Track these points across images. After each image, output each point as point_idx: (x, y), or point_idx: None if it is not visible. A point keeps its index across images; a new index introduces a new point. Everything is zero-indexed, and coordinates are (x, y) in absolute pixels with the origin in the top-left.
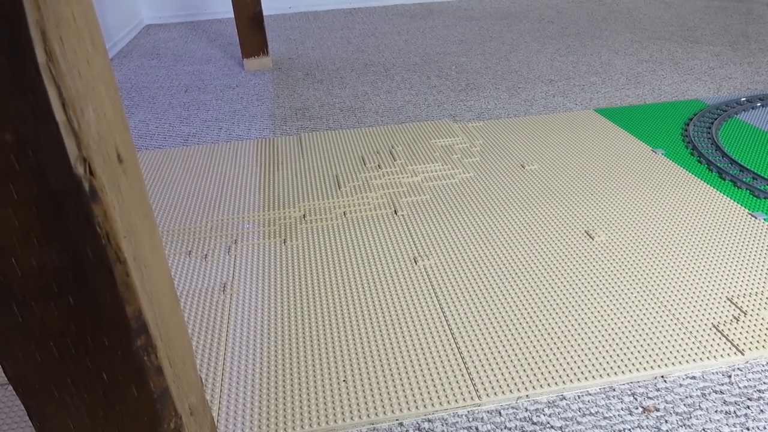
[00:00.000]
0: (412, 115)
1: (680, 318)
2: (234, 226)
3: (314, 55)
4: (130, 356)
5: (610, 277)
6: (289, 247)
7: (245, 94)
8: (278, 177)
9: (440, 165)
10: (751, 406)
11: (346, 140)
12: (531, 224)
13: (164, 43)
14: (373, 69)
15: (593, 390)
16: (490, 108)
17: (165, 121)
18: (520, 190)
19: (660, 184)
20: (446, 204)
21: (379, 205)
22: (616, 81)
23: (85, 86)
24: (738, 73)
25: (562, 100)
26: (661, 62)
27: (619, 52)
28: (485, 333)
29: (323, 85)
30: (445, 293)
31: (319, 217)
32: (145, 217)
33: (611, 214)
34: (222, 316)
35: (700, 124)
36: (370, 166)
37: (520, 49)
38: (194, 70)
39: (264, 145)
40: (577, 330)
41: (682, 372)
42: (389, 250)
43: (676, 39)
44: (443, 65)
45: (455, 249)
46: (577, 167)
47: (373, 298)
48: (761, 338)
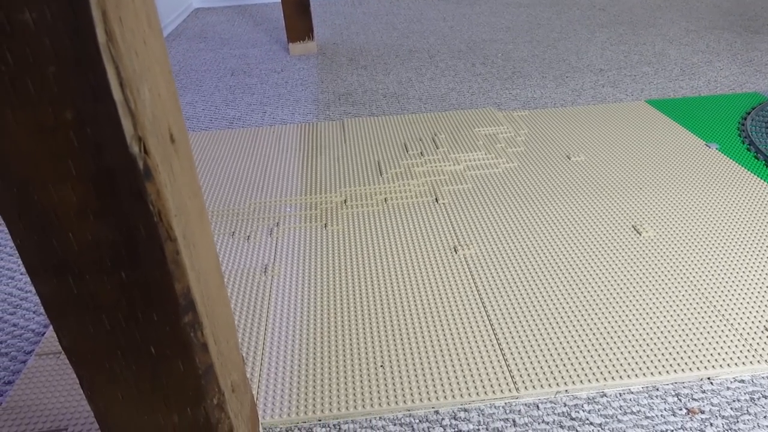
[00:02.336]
0: (456, 102)
1: (729, 319)
2: (276, 208)
3: (358, 40)
4: (178, 332)
5: (657, 274)
6: (330, 231)
7: (290, 78)
8: (320, 162)
9: (483, 154)
10: None
11: (388, 126)
12: (575, 217)
13: (212, 27)
14: (417, 55)
15: (636, 389)
16: (537, 97)
17: (211, 104)
18: (565, 182)
19: (713, 179)
20: (488, 194)
21: (420, 192)
22: (670, 72)
23: (142, 66)
24: None
25: (611, 91)
26: (718, 53)
27: (674, 41)
28: (525, 325)
29: (367, 70)
30: (485, 283)
31: (360, 202)
32: (194, 197)
33: (660, 210)
34: (263, 297)
35: (759, 118)
36: (412, 153)
37: (569, 37)
38: (240, 54)
39: (307, 129)
40: (620, 327)
41: (730, 375)
42: (429, 238)
43: (735, 29)
44: (489, 53)
45: (496, 239)
46: (625, 160)
47: (412, 285)
48: None
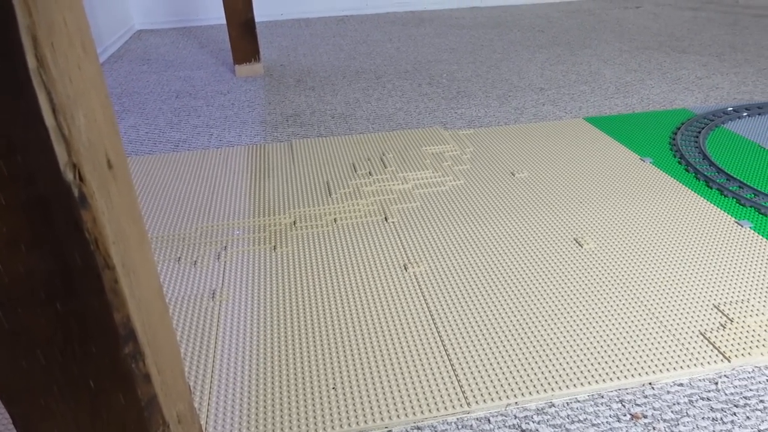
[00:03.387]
0: (403, 122)
1: (668, 325)
2: (224, 232)
3: (306, 61)
4: (118, 363)
5: (599, 284)
6: (279, 253)
7: (236, 100)
8: (269, 183)
9: (431, 172)
10: (737, 412)
11: (337, 147)
12: (521, 232)
13: (155, 49)
14: (364, 76)
15: (582, 397)
16: (481, 116)
17: (155, 127)
18: (510, 198)
19: (648, 192)
20: (436, 211)
21: (369, 212)
22: (605, 90)
23: (76, 92)
24: (725, 83)
25: (552, 109)
26: (649, 72)
27: (608, 61)
28: (475, 340)
29: (315, 92)
30: (435, 300)
31: (310, 223)
32: (134, 223)
33: (600, 222)
34: (211, 323)
35: (688, 133)
36: (360, 173)
37: (510, 58)
38: (185, 76)
39: (255, 151)
40: (566, 337)
41: (670, 379)
42: (380, 257)
43: (664, 49)
44: (434, 73)
45: (445, 256)
46: (566, 175)
47: (363, 305)
48: (747, 345)
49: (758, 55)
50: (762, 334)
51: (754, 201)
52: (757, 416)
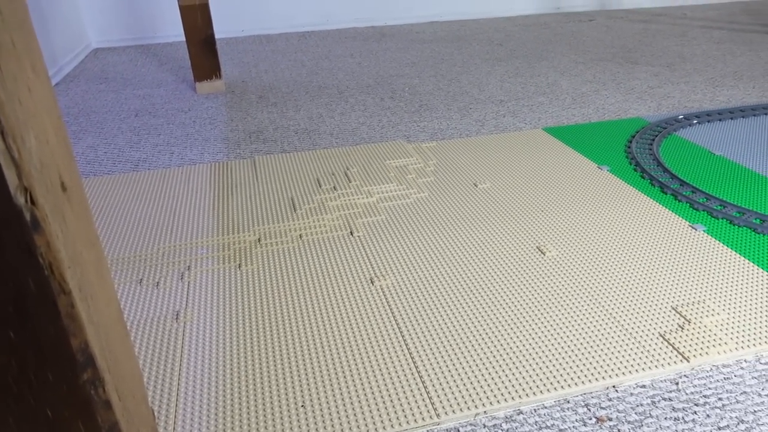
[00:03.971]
0: (367, 136)
1: (629, 328)
2: (187, 252)
3: (268, 78)
4: (76, 391)
5: (562, 291)
6: (244, 271)
7: (198, 117)
8: (232, 201)
9: (395, 185)
10: (698, 411)
11: (300, 163)
12: (485, 242)
13: (113, 67)
14: (327, 91)
15: (549, 403)
16: (443, 128)
17: (114, 147)
18: (473, 209)
19: (606, 199)
20: (402, 224)
21: (334, 226)
22: (563, 101)
23: (26, 114)
24: (675, 92)
25: (512, 120)
26: (604, 82)
27: (565, 73)
28: (443, 351)
29: (277, 107)
30: (402, 313)
31: (275, 240)
32: (91, 246)
33: (561, 230)
34: (175, 345)
35: (642, 141)
36: (325, 188)
37: (470, 71)
38: (144, 94)
39: (217, 169)
40: (531, 344)
41: (633, 381)
42: (346, 272)
43: (617, 60)
44: (396, 87)
45: (411, 268)
46: (527, 185)
47: (331, 320)
48: (705, 345)
49: (706, 65)
50: (718, 333)
51: (706, 205)
52: (717, 414)
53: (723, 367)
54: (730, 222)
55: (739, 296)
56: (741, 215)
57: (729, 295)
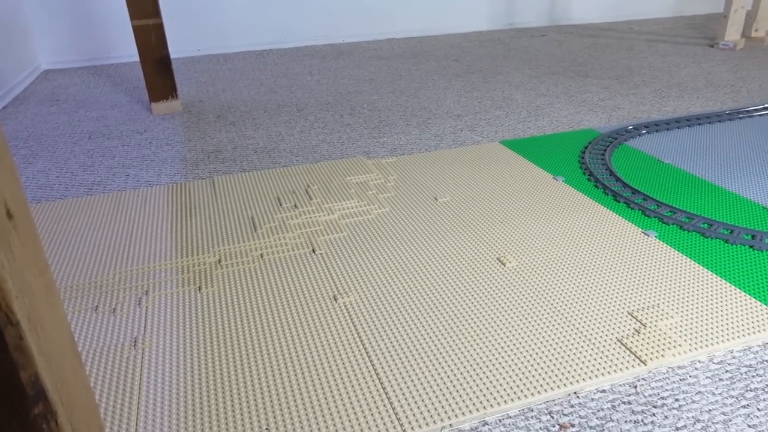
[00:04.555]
0: (327, 153)
1: (588, 335)
2: (145, 276)
3: (225, 97)
4: (27, 425)
5: (523, 300)
6: (205, 294)
7: (154, 138)
8: (191, 222)
9: (356, 202)
10: (656, 413)
11: (260, 181)
12: (446, 255)
13: (64, 89)
14: (286, 109)
15: (513, 412)
16: (403, 144)
17: (67, 170)
18: (434, 223)
19: (562, 209)
20: (364, 240)
21: (296, 245)
22: (518, 114)
23: None
24: (625, 104)
25: (469, 134)
26: (557, 96)
27: (519, 87)
28: (408, 365)
29: (236, 126)
30: (366, 329)
31: (236, 261)
32: (40, 275)
33: (520, 241)
34: (133, 373)
35: (595, 151)
36: (286, 206)
37: (428, 87)
38: (98, 116)
39: (175, 190)
40: (494, 355)
41: (593, 386)
42: (309, 290)
43: (569, 74)
44: (355, 104)
45: (374, 284)
46: (486, 197)
47: (294, 340)
48: (660, 348)
49: (653, 77)
50: (673, 336)
51: (657, 212)
52: (674, 415)
53: (678, 369)
54: (680, 227)
55: (691, 299)
56: (690, 221)
57: (681, 298)
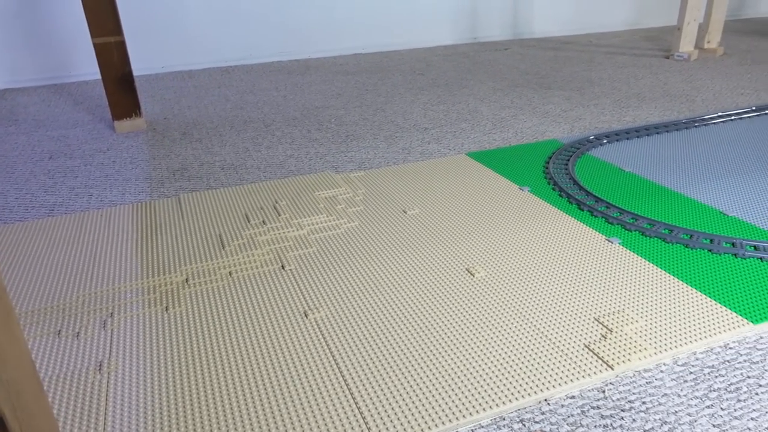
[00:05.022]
0: (295, 168)
1: (556, 342)
2: (110, 298)
3: (191, 114)
4: None
5: (492, 310)
6: (172, 314)
7: (117, 157)
8: (157, 242)
9: (325, 216)
10: (624, 416)
11: (228, 198)
12: (416, 267)
13: (24, 108)
14: (252, 125)
15: (485, 422)
16: (370, 158)
17: (26, 192)
18: (403, 235)
19: (529, 219)
20: (333, 254)
21: (265, 261)
22: (484, 126)
23: None
24: (586, 114)
25: (436, 147)
26: (521, 107)
27: (484, 99)
28: (380, 379)
29: (202, 143)
30: (337, 344)
31: (203, 279)
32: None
33: (488, 251)
34: (98, 398)
35: (558, 161)
36: (254, 222)
37: (394, 100)
38: (59, 135)
39: (140, 209)
40: (465, 365)
41: (563, 393)
42: (279, 307)
43: (532, 86)
44: (323, 119)
45: (345, 298)
46: (454, 209)
47: (265, 358)
48: (626, 352)
49: (612, 88)
50: (638, 340)
51: (620, 219)
52: (642, 417)
53: (644, 372)
54: (642, 234)
55: (655, 303)
56: (651, 227)
57: (645, 302)
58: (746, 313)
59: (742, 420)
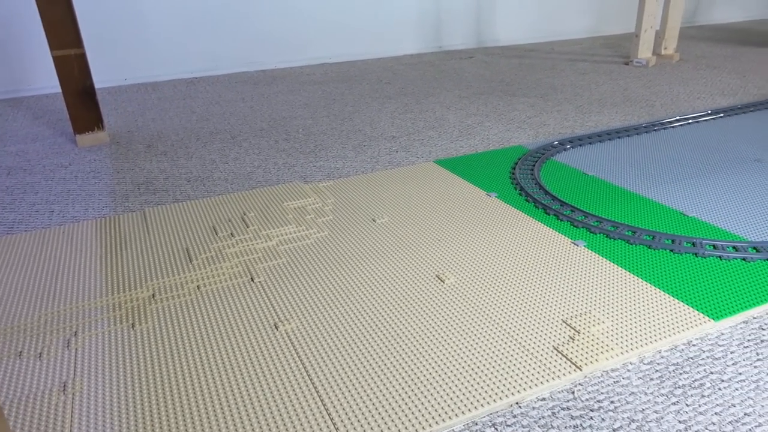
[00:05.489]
0: (263, 179)
1: (526, 345)
2: (73, 316)
3: (155, 126)
4: None
5: (463, 315)
6: (139, 331)
7: (80, 172)
8: (123, 257)
9: (294, 227)
10: (593, 416)
11: (195, 211)
12: (387, 275)
13: None
14: (219, 137)
15: (458, 428)
16: (339, 167)
17: None
18: (373, 244)
19: (497, 224)
20: (303, 265)
21: (234, 274)
22: (451, 134)
23: None
24: (550, 120)
25: (404, 155)
26: (486, 114)
27: (451, 107)
28: (352, 389)
29: (167, 156)
30: (309, 355)
31: (171, 294)
32: None
33: (458, 257)
34: (63, 420)
35: (524, 167)
36: (222, 235)
37: (362, 110)
38: (18, 150)
39: (104, 225)
40: (437, 371)
41: (534, 395)
42: (249, 319)
43: (497, 93)
44: (290, 129)
45: (316, 309)
46: (423, 216)
47: (235, 372)
48: (594, 353)
49: (574, 94)
50: (605, 340)
51: (584, 222)
52: (610, 416)
53: (612, 372)
54: (606, 236)
55: (620, 304)
56: (615, 229)
57: (611, 303)
58: (707, 311)
59: (706, 415)
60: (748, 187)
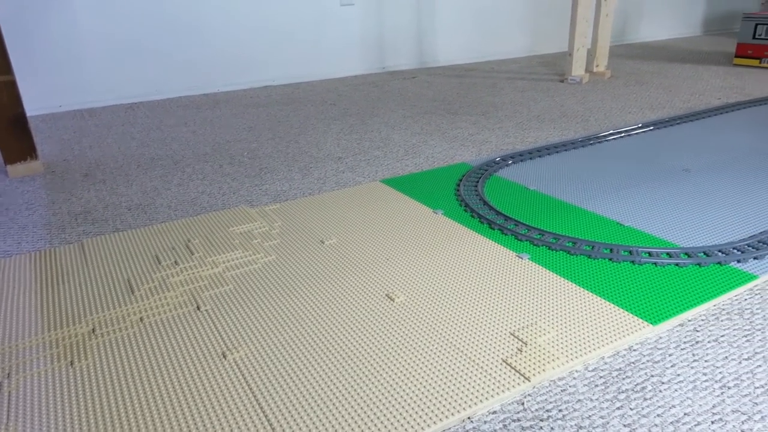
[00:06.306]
0: (207, 205)
1: (475, 359)
2: (6, 357)
3: (93, 154)
4: None
5: (413, 333)
6: (78, 369)
7: (12, 204)
8: (59, 292)
9: (241, 252)
10: (543, 426)
11: (136, 240)
12: (336, 297)
13: None
14: (161, 163)
15: None
16: (285, 190)
17: None
18: (322, 266)
19: (444, 241)
20: (251, 291)
21: (179, 303)
22: (396, 153)
23: None
24: (492, 137)
25: (351, 175)
26: (430, 133)
27: (395, 127)
28: (304, 416)
29: (106, 185)
30: (258, 383)
31: (112, 328)
32: None
33: (407, 275)
34: None
35: (468, 183)
36: (165, 264)
37: (308, 131)
38: None
39: (39, 258)
40: (389, 391)
41: (485, 409)
42: (195, 350)
43: (440, 112)
44: (235, 152)
45: (265, 335)
46: (372, 236)
47: (182, 405)
48: (541, 363)
49: (514, 111)
50: (551, 350)
51: (528, 235)
52: (559, 425)
53: (559, 380)
54: (548, 248)
55: (564, 313)
56: (557, 241)
57: (555, 313)
58: (646, 316)
59: (649, 417)
60: (678, 196)
